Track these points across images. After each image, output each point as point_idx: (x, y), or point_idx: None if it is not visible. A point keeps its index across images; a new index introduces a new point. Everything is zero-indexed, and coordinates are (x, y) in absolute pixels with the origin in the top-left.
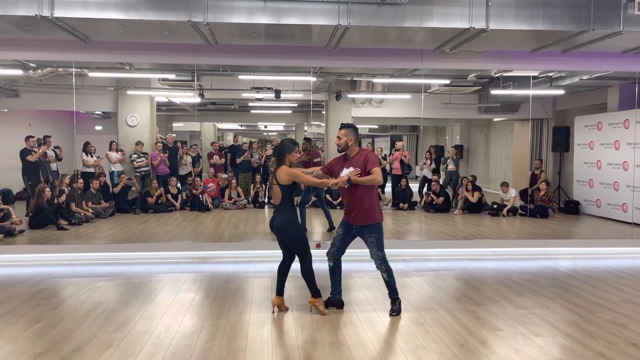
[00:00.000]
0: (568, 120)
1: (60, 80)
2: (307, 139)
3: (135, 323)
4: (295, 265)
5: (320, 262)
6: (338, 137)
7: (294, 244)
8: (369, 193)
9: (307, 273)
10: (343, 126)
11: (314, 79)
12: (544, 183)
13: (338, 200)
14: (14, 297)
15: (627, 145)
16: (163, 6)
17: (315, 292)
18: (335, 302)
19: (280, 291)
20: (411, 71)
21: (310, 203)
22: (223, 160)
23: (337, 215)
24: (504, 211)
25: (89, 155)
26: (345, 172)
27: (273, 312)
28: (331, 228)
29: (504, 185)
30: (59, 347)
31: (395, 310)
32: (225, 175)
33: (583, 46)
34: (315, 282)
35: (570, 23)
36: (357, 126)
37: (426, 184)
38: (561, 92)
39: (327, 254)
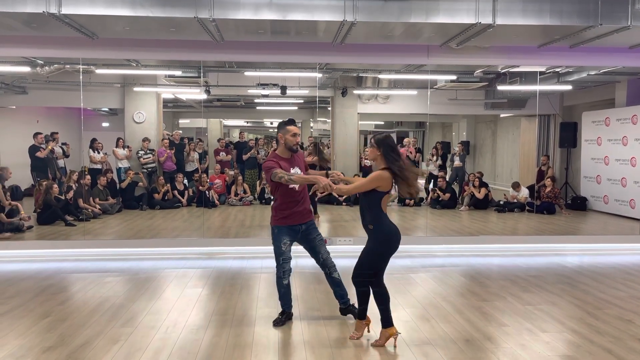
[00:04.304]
0: (575, 116)
1: (67, 77)
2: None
3: (142, 318)
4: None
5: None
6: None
7: None
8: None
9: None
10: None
11: (320, 75)
12: (549, 179)
13: (344, 197)
14: (23, 292)
15: (635, 141)
16: (169, 3)
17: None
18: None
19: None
20: (417, 67)
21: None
22: (229, 156)
23: (343, 211)
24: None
25: (96, 152)
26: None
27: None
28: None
29: (517, 185)
30: (68, 341)
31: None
32: (232, 172)
33: (591, 41)
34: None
35: (577, 18)
36: (363, 122)
37: (432, 180)
38: (568, 87)
39: (286, 272)
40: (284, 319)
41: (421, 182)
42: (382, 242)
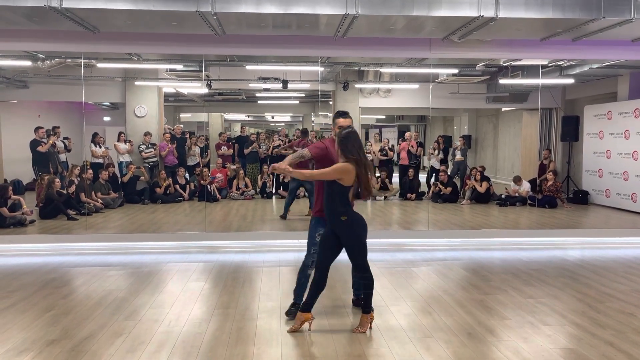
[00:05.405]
0: (577, 110)
1: (68, 71)
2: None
3: (145, 311)
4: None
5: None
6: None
7: None
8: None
9: None
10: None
11: (322, 69)
12: (551, 173)
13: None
14: (26, 286)
15: (637, 134)
16: None
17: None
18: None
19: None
20: (419, 60)
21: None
22: (231, 151)
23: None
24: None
25: (98, 146)
26: None
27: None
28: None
29: (518, 179)
30: (71, 335)
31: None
32: (234, 166)
33: (593, 34)
34: None
35: (580, 11)
36: (365, 116)
37: (434, 174)
38: (571, 81)
39: (314, 262)
40: (295, 309)
41: (424, 177)
42: (359, 226)
